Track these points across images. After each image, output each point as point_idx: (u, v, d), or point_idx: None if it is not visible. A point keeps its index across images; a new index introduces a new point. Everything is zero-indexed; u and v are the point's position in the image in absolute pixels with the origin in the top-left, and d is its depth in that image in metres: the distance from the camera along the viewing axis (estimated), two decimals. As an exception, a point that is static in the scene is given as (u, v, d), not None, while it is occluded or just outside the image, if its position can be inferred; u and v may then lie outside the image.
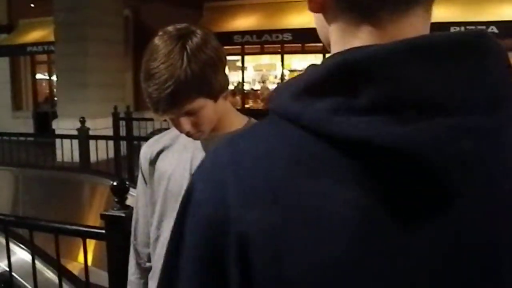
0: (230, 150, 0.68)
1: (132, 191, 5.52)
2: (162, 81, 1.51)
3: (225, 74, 1.66)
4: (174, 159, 1.78)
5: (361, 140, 0.59)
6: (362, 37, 0.66)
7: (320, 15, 0.72)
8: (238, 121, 1.79)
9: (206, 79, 1.56)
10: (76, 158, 7.54)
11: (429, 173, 0.58)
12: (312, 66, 0.68)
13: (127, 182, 2.21)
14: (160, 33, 1.62)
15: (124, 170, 7.94)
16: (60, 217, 5.97)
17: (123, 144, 8.45)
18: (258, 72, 16.54)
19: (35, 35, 16.79)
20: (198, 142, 1.73)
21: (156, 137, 1.95)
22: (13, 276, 2.63)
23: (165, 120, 1.68)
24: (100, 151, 7.83)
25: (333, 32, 0.70)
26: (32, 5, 16.51)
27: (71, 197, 6.46)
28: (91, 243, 3.60)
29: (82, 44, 12.29)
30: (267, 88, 15.94)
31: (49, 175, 6.73)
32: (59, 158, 8.05)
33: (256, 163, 0.64)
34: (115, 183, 2.16)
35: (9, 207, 6.52)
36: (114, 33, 13.06)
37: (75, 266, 3.92)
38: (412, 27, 0.65)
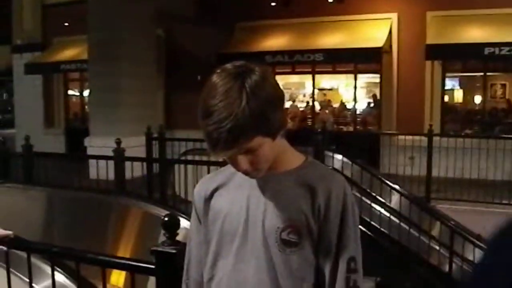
0: None
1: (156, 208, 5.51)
2: (220, 119, 1.49)
3: (283, 111, 1.63)
4: (229, 197, 1.75)
5: None
6: None
7: None
8: (295, 160, 1.77)
9: (265, 117, 1.54)
10: (110, 176, 7.59)
11: None
12: None
13: (178, 217, 2.18)
14: (218, 70, 1.60)
15: (155, 190, 8.01)
16: (94, 239, 6.01)
17: (156, 164, 8.50)
18: (287, 91, 16.54)
19: (68, 53, 17.03)
20: (254, 181, 1.71)
21: (210, 174, 1.92)
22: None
23: (198, 141, 1.66)
24: (134, 170, 7.89)
25: None
26: (66, 24, 16.76)
27: (105, 219, 6.47)
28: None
29: (115, 64, 12.44)
30: (296, 107, 15.92)
31: (84, 196, 6.75)
32: (93, 175, 8.09)
33: None
34: (166, 218, 2.13)
35: (43, 228, 6.56)
36: (146, 53, 13.18)
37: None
38: None
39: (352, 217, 1.69)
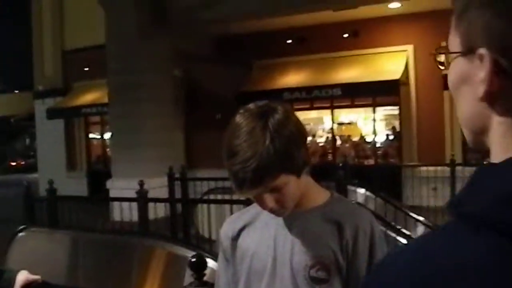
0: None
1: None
2: (245, 159, 1.51)
3: (307, 149, 1.64)
4: (256, 236, 1.76)
5: None
6: None
7: (481, 104, 0.66)
8: (321, 196, 1.77)
9: (289, 155, 1.55)
10: (133, 217, 7.61)
11: None
12: (496, 170, 0.64)
13: (204, 257, 2.19)
14: (241, 110, 1.63)
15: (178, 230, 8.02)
16: (119, 281, 6.00)
17: (179, 204, 8.53)
18: (306, 126, 16.51)
19: (89, 97, 17.31)
20: (281, 219, 1.71)
21: (237, 213, 1.93)
22: None
23: (220, 179, 1.67)
24: (157, 210, 7.92)
25: (501, 126, 0.65)
26: (86, 69, 17.06)
27: (129, 260, 6.45)
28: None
29: (135, 105, 12.60)
30: (316, 142, 15.89)
31: (108, 238, 6.77)
32: (116, 217, 8.12)
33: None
34: (193, 259, 2.13)
35: (69, 271, 6.56)
36: (165, 93, 13.34)
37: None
38: None
39: (380, 251, 1.69)
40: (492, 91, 0.63)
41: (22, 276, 2.62)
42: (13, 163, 38.31)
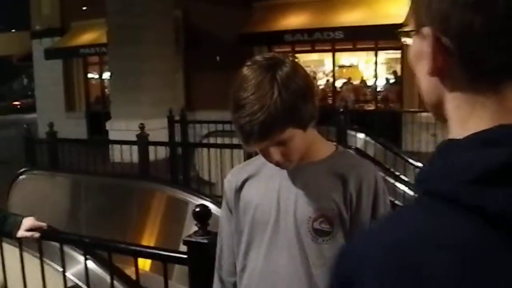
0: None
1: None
2: (253, 112, 1.49)
3: (315, 102, 1.62)
4: (260, 188, 1.75)
5: None
6: (492, 108, 0.65)
7: (434, 79, 0.70)
8: (326, 149, 1.76)
9: (297, 109, 1.53)
10: (134, 159, 7.64)
11: None
12: (460, 147, 0.66)
13: (209, 207, 2.19)
14: (249, 63, 1.60)
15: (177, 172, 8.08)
16: (120, 224, 6.07)
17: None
18: (306, 68, 16.32)
19: (87, 37, 17.12)
20: (285, 171, 1.71)
21: (240, 165, 1.93)
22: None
23: (220, 122, 1.66)
24: (157, 153, 7.96)
25: (453, 100, 0.70)
26: (84, 8, 16.80)
27: (130, 203, 6.53)
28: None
29: (135, 46, 12.45)
30: (316, 85, 15.81)
31: (108, 181, 6.81)
32: (116, 159, 8.14)
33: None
34: (197, 209, 2.14)
35: (70, 214, 6.64)
36: (165, 35, 13.18)
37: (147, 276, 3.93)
38: None
39: (383, 205, 1.69)
40: (437, 67, 0.68)
41: (29, 221, 2.65)
42: (17, 103, 38.32)
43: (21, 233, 2.63)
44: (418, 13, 0.72)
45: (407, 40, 0.77)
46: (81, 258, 2.76)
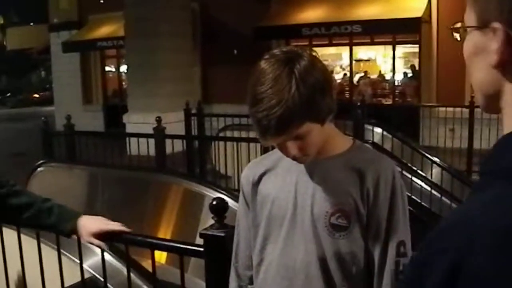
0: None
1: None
2: (270, 106, 1.48)
3: (333, 96, 1.61)
4: (277, 182, 1.75)
5: None
6: None
7: (495, 71, 0.76)
8: (344, 144, 1.75)
9: (315, 103, 1.52)
10: (151, 151, 7.68)
11: None
12: None
13: (226, 200, 2.20)
14: (267, 56, 1.58)
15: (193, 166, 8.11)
16: (137, 216, 6.10)
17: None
18: (324, 62, 16.36)
19: (104, 30, 17.20)
20: (302, 166, 1.70)
21: (258, 159, 1.92)
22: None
23: (236, 116, 1.66)
24: (173, 146, 7.99)
25: None
26: (102, 1, 16.88)
27: (146, 196, 6.56)
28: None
29: (152, 39, 12.48)
30: (334, 79, 15.76)
31: (125, 174, 6.85)
32: (134, 152, 8.19)
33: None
34: (214, 202, 2.14)
35: (87, 206, 6.67)
36: (182, 27, 13.18)
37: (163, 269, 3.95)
38: None
39: (401, 201, 1.67)
40: (504, 60, 0.74)
41: (98, 223, 2.37)
42: (35, 95, 38.63)
43: (87, 238, 2.31)
44: (484, 10, 0.77)
45: (459, 36, 0.84)
46: (98, 250, 2.77)
